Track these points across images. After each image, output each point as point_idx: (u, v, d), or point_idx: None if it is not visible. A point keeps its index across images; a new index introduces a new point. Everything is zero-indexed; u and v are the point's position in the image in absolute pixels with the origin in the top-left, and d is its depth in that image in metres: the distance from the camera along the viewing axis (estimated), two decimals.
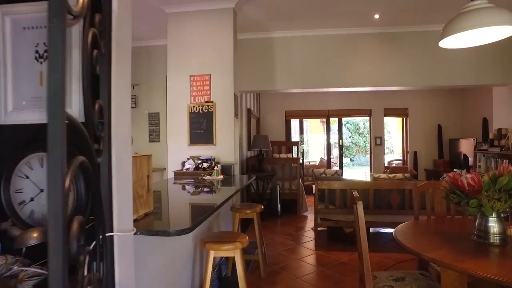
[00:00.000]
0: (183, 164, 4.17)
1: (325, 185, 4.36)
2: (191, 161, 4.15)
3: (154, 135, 5.86)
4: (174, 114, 4.45)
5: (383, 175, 4.61)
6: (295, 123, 9.82)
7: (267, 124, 8.72)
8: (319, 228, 4.60)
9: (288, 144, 8.67)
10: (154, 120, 5.86)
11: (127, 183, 1.62)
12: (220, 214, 3.66)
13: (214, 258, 2.39)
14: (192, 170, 4.04)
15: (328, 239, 4.74)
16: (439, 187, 2.47)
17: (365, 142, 17.85)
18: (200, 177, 3.85)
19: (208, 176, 3.85)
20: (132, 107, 5.98)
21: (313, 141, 16.35)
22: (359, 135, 18.33)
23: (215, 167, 3.98)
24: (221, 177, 3.87)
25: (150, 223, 1.86)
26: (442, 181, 1.95)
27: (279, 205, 6.15)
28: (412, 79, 5.30)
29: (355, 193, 2.05)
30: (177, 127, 4.43)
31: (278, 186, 6.19)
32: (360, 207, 1.83)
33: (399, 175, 4.50)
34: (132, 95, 6.00)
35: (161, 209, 2.34)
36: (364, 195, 4.27)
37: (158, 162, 5.68)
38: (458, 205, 1.82)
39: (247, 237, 2.49)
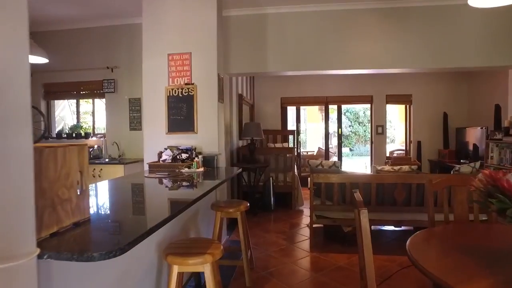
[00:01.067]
0: (160, 155, 3.66)
1: (321, 179, 3.86)
2: (168, 151, 3.64)
3: (136, 123, 5.34)
4: (150, 98, 3.92)
5: (386, 167, 4.11)
6: (292, 111, 9.30)
7: (262, 112, 8.19)
8: (315, 226, 4.13)
9: (283, 133, 8.16)
10: (135, 107, 5.32)
11: (24, 185, 1.11)
12: (200, 213, 3.18)
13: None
14: (170, 161, 3.53)
15: (324, 239, 4.26)
16: (463, 184, 1.97)
17: (365, 131, 17.39)
18: (177, 170, 3.34)
19: (186, 169, 3.34)
20: (110, 92, 5.46)
21: (311, 130, 15.85)
22: (359, 124, 17.82)
23: (195, 158, 3.48)
24: (201, 169, 3.37)
25: (77, 238, 1.36)
26: (475, 180, 1.45)
27: (272, 199, 5.68)
28: (418, 60, 4.74)
29: (357, 195, 1.54)
30: (153, 113, 3.90)
31: (271, 178, 5.70)
32: (364, 216, 1.33)
33: (405, 167, 4.01)
34: (110, 79, 5.47)
35: (108, 214, 1.84)
36: (365, 190, 3.78)
37: (140, 152, 5.17)
38: (499, 213, 1.32)
39: (221, 247, 2.00)
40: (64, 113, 6.94)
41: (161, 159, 3.61)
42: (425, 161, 7.78)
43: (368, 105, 8.54)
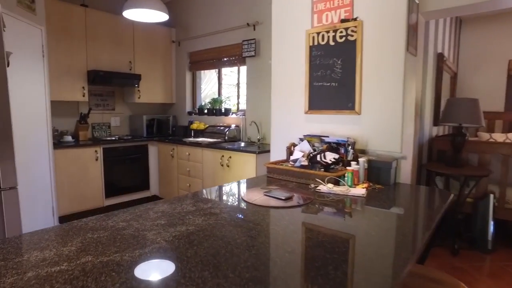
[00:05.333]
0: (290, 149, 2.11)
1: None
2: (305, 144, 2.04)
3: None
4: (281, 51, 2.36)
5: None
6: None
7: (470, 84, 5.43)
8: None
9: (509, 118, 5.20)
10: None
11: None
12: None
13: None
14: (304, 164, 1.93)
15: None
16: None
17: None
18: (311, 187, 1.72)
19: (330, 186, 1.67)
20: (251, 56, 4.20)
21: None
22: None
23: (352, 166, 1.75)
24: (362, 190, 1.63)
25: None
26: None
27: (490, 230, 3.30)
28: None
29: None
30: (286, 77, 2.35)
31: (492, 195, 3.31)
32: None
33: None
34: (250, 39, 4.23)
35: None
36: None
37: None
38: None
39: None
40: (217, 87, 6.31)
41: (291, 158, 2.06)
42: None
43: None
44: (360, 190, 1.63)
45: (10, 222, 2.02)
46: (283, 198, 1.47)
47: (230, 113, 4.59)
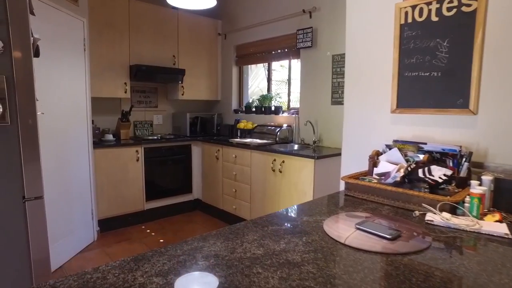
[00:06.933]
0: (374, 160, 1.62)
1: None
2: (394, 153, 1.54)
3: (341, 93, 3.45)
4: (357, 34, 1.87)
5: None
6: None
7: None
8: None
9: None
10: (341, 68, 3.42)
11: None
12: None
13: None
14: (396, 179, 1.43)
15: None
16: None
17: None
18: (415, 214, 1.22)
19: (447, 216, 1.16)
20: (307, 47, 3.70)
21: None
22: None
23: (473, 186, 1.24)
24: (500, 226, 1.11)
25: None
26: None
27: None
28: None
29: None
30: (363, 68, 1.85)
31: None
32: None
33: None
34: (306, 28, 3.75)
35: None
36: None
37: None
38: None
39: None
40: (265, 84, 5.91)
41: (375, 170, 1.57)
42: None
43: None
44: (497, 226, 1.11)
45: (34, 236, 1.73)
46: (388, 236, 1.00)
47: (281, 112, 4.14)
